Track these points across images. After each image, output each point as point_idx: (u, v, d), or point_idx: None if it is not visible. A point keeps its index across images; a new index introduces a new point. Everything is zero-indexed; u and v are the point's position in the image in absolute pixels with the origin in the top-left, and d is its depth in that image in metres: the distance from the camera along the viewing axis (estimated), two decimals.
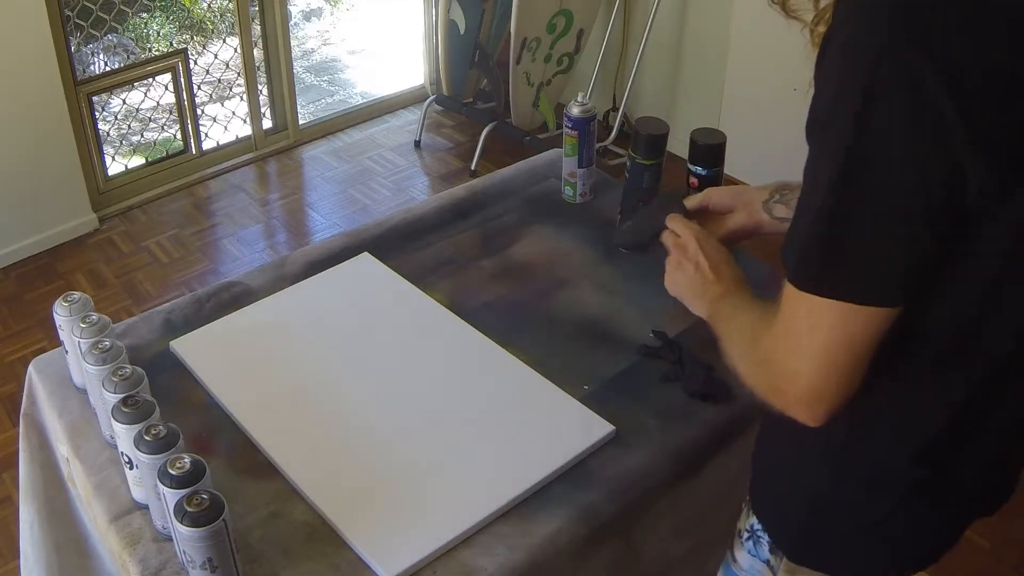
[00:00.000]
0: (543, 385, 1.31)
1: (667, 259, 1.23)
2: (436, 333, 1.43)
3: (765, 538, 1.04)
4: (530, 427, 1.25)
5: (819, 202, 0.75)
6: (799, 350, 0.81)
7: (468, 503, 1.14)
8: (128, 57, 3.96)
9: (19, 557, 1.48)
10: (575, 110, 1.67)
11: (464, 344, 1.40)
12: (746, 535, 1.08)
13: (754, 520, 1.07)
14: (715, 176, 1.49)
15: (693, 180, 1.49)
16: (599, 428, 1.24)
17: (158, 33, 4.27)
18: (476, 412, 1.28)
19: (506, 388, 1.32)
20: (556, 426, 1.25)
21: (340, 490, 1.16)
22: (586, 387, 1.33)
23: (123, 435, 1.07)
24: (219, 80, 3.85)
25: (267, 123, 3.73)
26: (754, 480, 1.08)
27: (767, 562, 1.05)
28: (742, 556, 1.09)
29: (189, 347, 1.39)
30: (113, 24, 3.48)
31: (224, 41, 3.91)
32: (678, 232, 1.22)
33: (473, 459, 1.21)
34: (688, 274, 1.17)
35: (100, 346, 1.15)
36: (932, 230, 0.74)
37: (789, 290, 0.80)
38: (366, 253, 1.60)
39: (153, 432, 1.02)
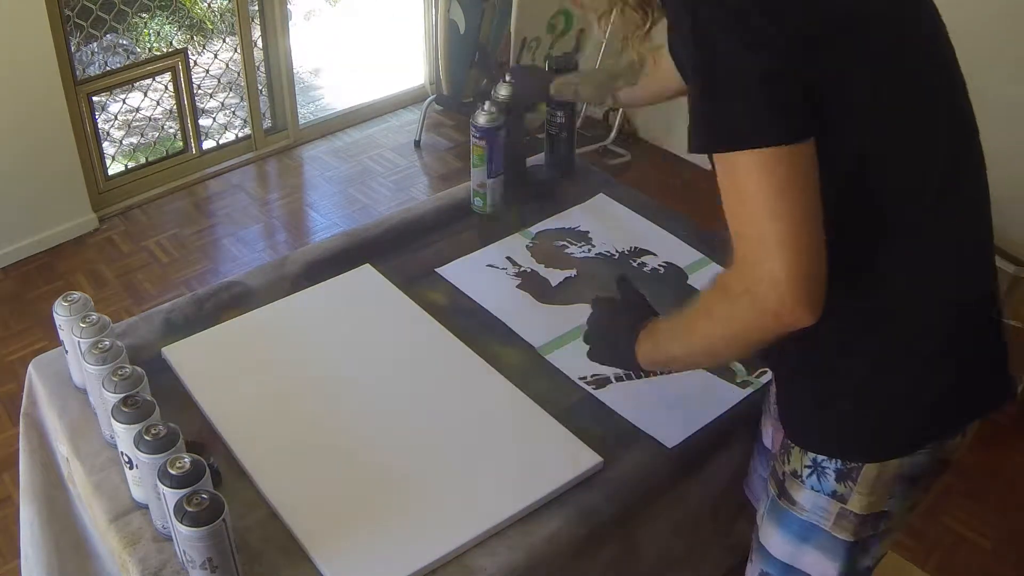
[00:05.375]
0: (534, 412, 1.29)
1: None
2: (429, 353, 1.40)
3: (831, 467, 1.06)
4: (517, 454, 1.23)
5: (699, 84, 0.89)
6: (762, 231, 0.86)
7: (443, 531, 1.12)
8: (128, 57, 3.96)
9: (19, 557, 1.48)
10: (481, 119, 1.63)
11: (458, 365, 1.37)
12: (807, 472, 1.08)
13: (814, 454, 1.08)
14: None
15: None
16: (586, 459, 1.22)
17: (158, 33, 4.27)
18: (463, 436, 1.26)
19: (496, 413, 1.30)
20: (543, 455, 1.22)
21: (313, 510, 1.15)
22: (587, 383, 1.33)
23: (123, 435, 1.07)
24: (219, 80, 3.85)
25: (267, 123, 3.73)
26: (795, 423, 1.11)
27: (832, 493, 1.07)
28: (803, 495, 1.10)
29: (180, 354, 1.38)
30: (113, 24, 3.48)
31: (224, 41, 3.92)
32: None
33: (455, 485, 1.19)
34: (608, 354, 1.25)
35: (100, 346, 1.15)
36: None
37: (725, 176, 0.89)
38: (367, 265, 1.57)
39: (153, 432, 1.02)
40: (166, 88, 3.44)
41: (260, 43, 3.61)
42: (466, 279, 1.55)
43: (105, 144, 3.38)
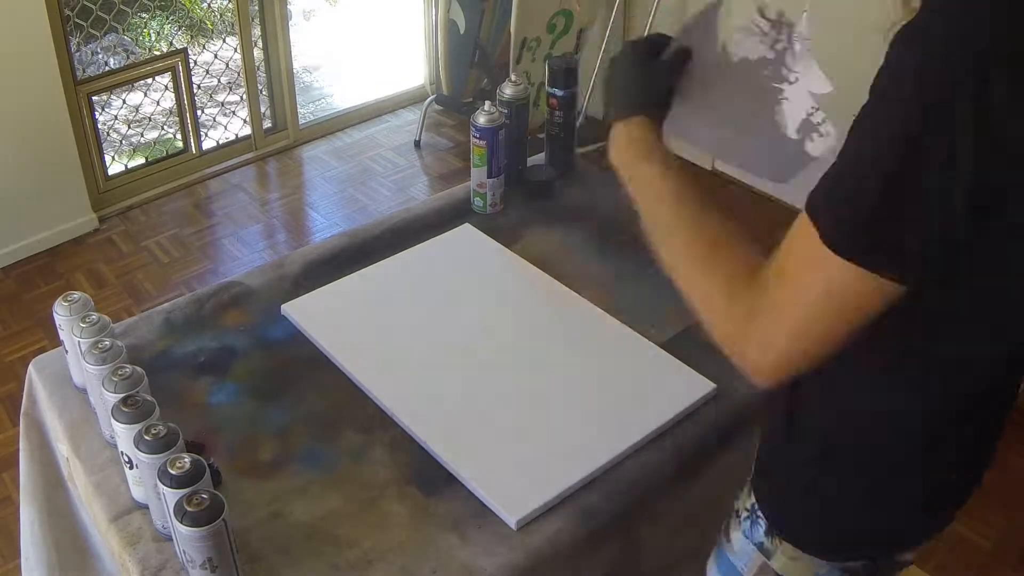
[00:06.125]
0: (646, 345, 1.38)
1: None
2: (540, 297, 1.50)
3: (762, 520, 1.02)
4: (633, 385, 1.31)
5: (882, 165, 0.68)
6: (801, 315, 0.75)
7: (580, 455, 1.20)
8: (128, 57, 3.96)
9: (19, 557, 1.48)
10: (481, 119, 1.63)
11: (568, 306, 1.46)
12: (745, 515, 1.05)
13: (755, 500, 1.04)
14: (570, 96, 1.75)
15: (552, 100, 1.76)
16: (700, 386, 1.29)
17: (158, 33, 4.27)
18: (582, 373, 1.34)
19: (612, 349, 1.39)
20: (658, 385, 1.31)
21: (458, 443, 1.22)
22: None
23: (123, 435, 1.07)
24: (219, 80, 3.85)
25: (267, 123, 3.73)
26: (757, 460, 1.06)
27: (759, 545, 1.02)
28: (736, 537, 1.06)
29: (301, 310, 1.46)
30: (113, 24, 3.48)
31: (224, 41, 3.92)
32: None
33: (578, 417, 1.27)
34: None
35: (100, 346, 1.15)
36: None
37: (816, 254, 0.72)
38: (467, 224, 1.66)
39: (153, 432, 1.02)
40: (166, 88, 3.45)
41: (260, 43, 3.62)
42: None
43: (105, 144, 3.38)
